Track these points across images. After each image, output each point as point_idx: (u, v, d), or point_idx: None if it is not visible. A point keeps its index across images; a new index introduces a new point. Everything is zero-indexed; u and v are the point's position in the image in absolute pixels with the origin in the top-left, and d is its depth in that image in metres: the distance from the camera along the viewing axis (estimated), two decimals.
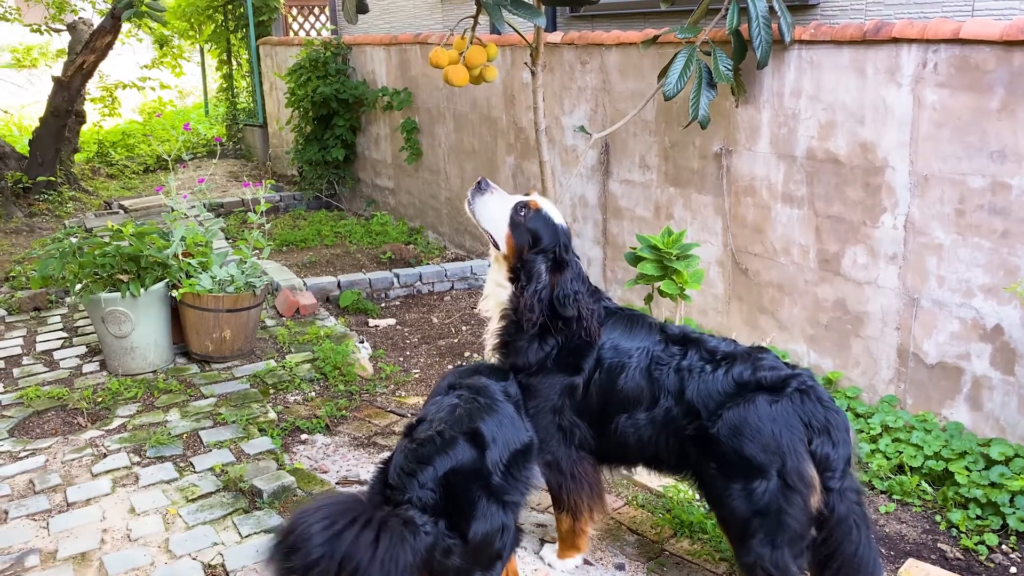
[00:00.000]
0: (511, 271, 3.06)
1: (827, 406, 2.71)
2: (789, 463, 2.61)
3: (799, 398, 2.69)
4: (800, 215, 4.58)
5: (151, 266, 5.16)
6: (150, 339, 5.18)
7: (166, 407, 4.73)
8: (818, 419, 2.67)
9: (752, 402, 2.70)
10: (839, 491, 2.68)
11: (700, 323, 5.28)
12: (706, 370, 2.83)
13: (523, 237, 3.01)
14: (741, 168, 4.86)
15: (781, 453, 2.62)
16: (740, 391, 2.75)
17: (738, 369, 2.79)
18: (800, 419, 2.65)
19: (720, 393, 2.78)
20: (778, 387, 2.71)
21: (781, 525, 2.63)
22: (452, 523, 2.38)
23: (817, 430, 2.65)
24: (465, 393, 2.71)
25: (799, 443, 2.63)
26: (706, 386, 2.81)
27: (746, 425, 2.68)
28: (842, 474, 2.68)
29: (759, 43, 4.33)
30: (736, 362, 2.83)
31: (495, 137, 7.02)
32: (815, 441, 2.64)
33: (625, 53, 5.50)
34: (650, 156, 5.47)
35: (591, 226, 6.10)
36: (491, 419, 2.60)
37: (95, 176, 10.86)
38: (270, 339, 5.73)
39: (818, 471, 2.64)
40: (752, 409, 2.69)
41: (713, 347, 2.93)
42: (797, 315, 4.71)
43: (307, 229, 8.40)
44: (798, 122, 4.50)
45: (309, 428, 4.53)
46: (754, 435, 2.66)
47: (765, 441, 2.64)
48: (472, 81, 4.40)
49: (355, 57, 9.08)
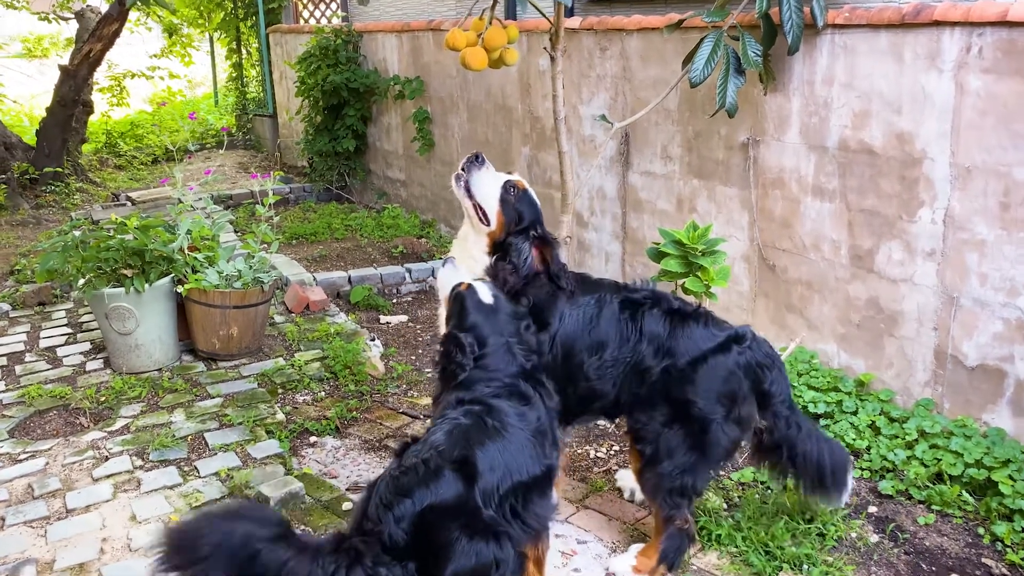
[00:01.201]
0: (492, 246, 3.23)
1: (769, 346, 3.22)
2: (744, 408, 3.08)
3: (755, 345, 3.15)
4: (831, 209, 4.37)
5: (156, 261, 5.00)
6: (155, 336, 5.02)
7: (171, 407, 4.57)
8: (768, 359, 3.14)
9: (728, 352, 3.09)
10: (794, 412, 3.20)
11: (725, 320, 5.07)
12: (688, 317, 3.17)
13: (511, 214, 3.22)
14: (769, 159, 4.65)
15: (739, 398, 3.07)
16: (719, 342, 3.11)
17: (711, 323, 3.18)
18: (757, 364, 3.10)
19: (704, 340, 3.11)
20: (742, 339, 3.14)
21: (713, 458, 3.10)
22: (423, 566, 2.15)
23: (767, 368, 3.11)
24: (474, 410, 2.47)
25: (751, 390, 3.09)
26: (690, 334, 3.12)
27: (721, 371, 3.07)
28: (791, 399, 3.22)
29: (790, 27, 4.11)
30: (706, 315, 3.22)
31: (510, 127, 6.82)
32: (768, 378, 3.10)
33: (647, 39, 5.29)
34: (672, 147, 5.26)
35: (609, 220, 5.90)
36: (493, 445, 2.35)
37: (103, 167, 10.71)
38: (279, 336, 5.57)
39: (772, 401, 3.14)
40: (730, 358, 3.08)
41: (676, 300, 3.27)
42: (827, 314, 4.50)
43: (317, 222, 8.22)
44: (830, 111, 4.28)
45: (318, 430, 4.36)
46: (724, 382, 3.07)
47: (731, 388, 3.06)
48: (491, 65, 4.13)
49: (366, 45, 8.88)
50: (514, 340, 2.71)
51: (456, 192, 3.27)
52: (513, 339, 2.71)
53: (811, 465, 3.18)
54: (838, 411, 4.21)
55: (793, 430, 3.18)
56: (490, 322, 2.72)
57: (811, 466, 3.18)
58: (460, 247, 3.35)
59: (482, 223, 3.23)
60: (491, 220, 3.22)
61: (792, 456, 3.18)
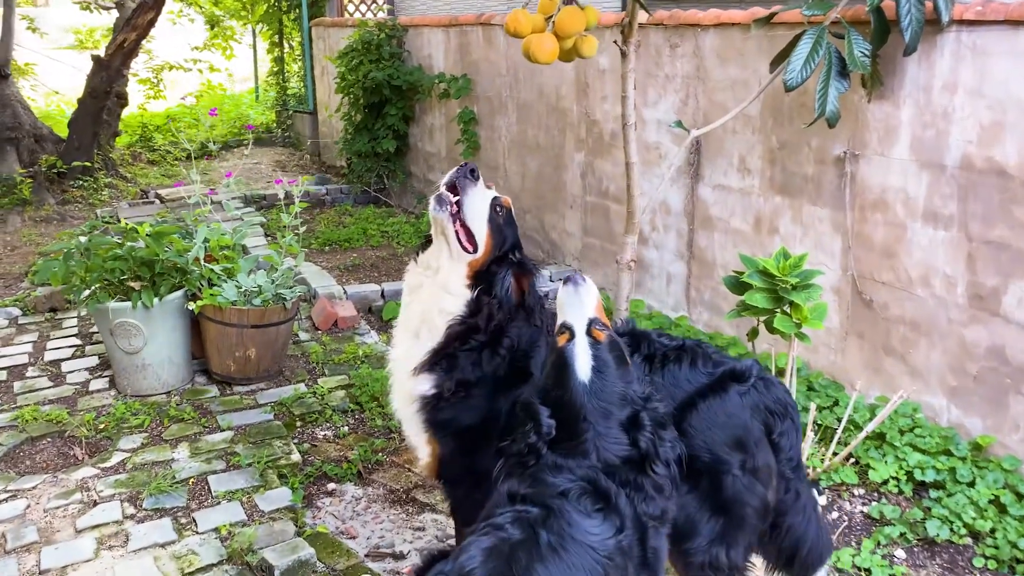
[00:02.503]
0: (473, 276, 2.69)
1: (784, 390, 2.65)
2: (760, 456, 2.53)
3: (763, 386, 2.59)
4: (947, 238, 3.69)
5: (168, 272, 4.48)
6: (164, 356, 4.50)
7: (175, 441, 4.04)
8: (780, 405, 2.58)
9: (725, 392, 2.55)
10: (799, 478, 2.66)
11: (807, 360, 4.42)
12: (668, 358, 2.63)
13: (499, 238, 2.72)
14: (870, 177, 3.99)
15: (751, 445, 2.53)
16: (710, 382, 2.59)
17: (699, 360, 2.63)
18: (766, 408, 2.57)
19: (689, 383, 2.59)
20: (743, 376, 2.58)
21: (742, 521, 2.51)
22: None
23: (779, 416, 2.57)
24: (528, 515, 1.86)
25: (764, 435, 2.56)
26: (673, 376, 2.59)
27: (720, 417, 2.53)
28: (799, 460, 2.67)
29: (908, 23, 3.45)
30: (693, 353, 2.65)
31: (563, 131, 6.22)
32: (777, 428, 2.57)
33: (726, 35, 4.65)
34: (752, 158, 4.62)
35: (673, 237, 5.26)
36: (545, 570, 1.74)
37: (135, 162, 10.32)
38: (302, 356, 5.02)
39: (778, 456, 2.59)
40: (727, 401, 2.55)
41: (660, 339, 2.73)
42: (936, 361, 3.83)
43: (352, 227, 7.69)
44: (950, 122, 3.61)
45: (338, 475, 3.80)
46: (726, 427, 2.52)
47: (737, 434, 2.52)
48: (562, 57, 3.42)
49: (411, 40, 8.34)
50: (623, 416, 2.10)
51: (437, 216, 2.63)
52: (622, 415, 2.11)
53: (789, 541, 2.69)
54: (951, 481, 3.54)
55: (790, 496, 2.64)
56: (592, 390, 2.13)
57: (788, 543, 2.69)
58: (428, 281, 2.72)
59: (465, 250, 2.67)
60: (479, 246, 2.67)
61: (776, 524, 2.65)
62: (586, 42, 3.43)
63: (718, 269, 4.93)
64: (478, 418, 2.73)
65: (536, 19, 3.33)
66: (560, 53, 3.34)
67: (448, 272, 2.68)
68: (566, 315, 2.29)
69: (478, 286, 2.69)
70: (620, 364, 2.22)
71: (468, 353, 2.70)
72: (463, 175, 2.65)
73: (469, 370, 2.70)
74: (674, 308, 5.33)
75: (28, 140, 8.95)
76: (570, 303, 2.30)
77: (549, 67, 6.18)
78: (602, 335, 2.23)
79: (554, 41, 3.29)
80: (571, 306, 2.29)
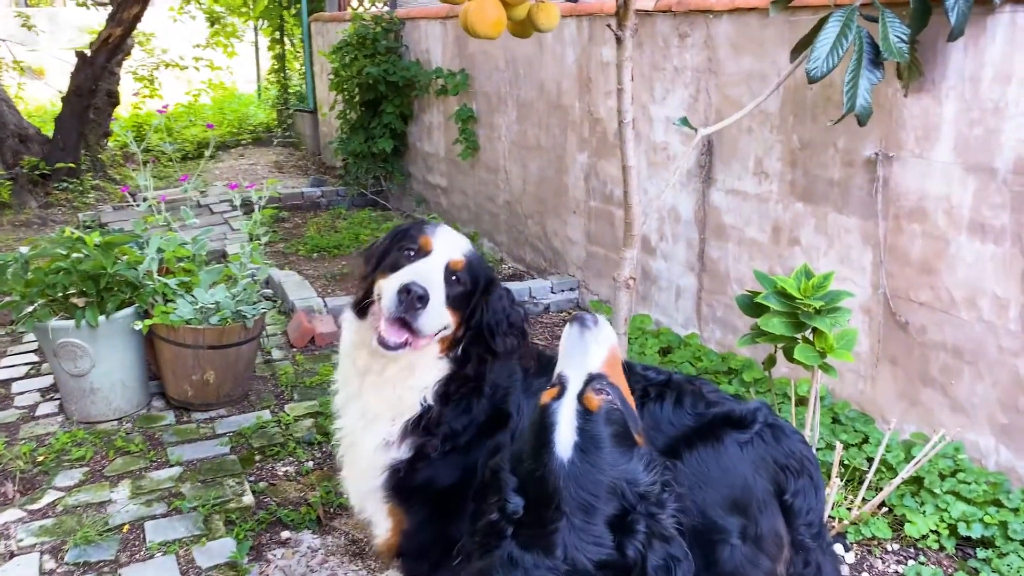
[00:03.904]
0: (448, 347, 2.24)
1: (800, 439, 2.19)
2: (765, 522, 2.08)
3: (770, 435, 2.14)
4: (997, 254, 3.18)
5: (117, 287, 4.04)
6: (115, 379, 4.07)
7: (116, 478, 3.60)
8: (794, 459, 2.14)
9: (719, 442, 2.11)
10: (821, 547, 2.18)
11: (832, 389, 3.91)
12: (648, 395, 2.21)
13: (463, 303, 2.20)
14: (905, 181, 3.48)
15: (753, 508, 2.08)
16: (699, 426, 2.16)
17: (687, 399, 2.21)
18: (775, 462, 2.12)
19: (672, 425, 2.17)
20: (744, 422, 2.15)
21: None
22: None
23: (793, 472, 2.12)
24: None
25: (772, 495, 2.12)
26: (651, 417, 2.16)
27: (714, 472, 2.09)
28: (821, 524, 2.20)
29: (955, 2, 2.94)
30: (680, 391, 2.24)
31: (565, 130, 5.73)
32: (791, 486, 2.12)
33: (741, 22, 4.15)
34: (770, 160, 4.11)
35: (683, 247, 4.76)
36: None
37: (127, 163, 9.93)
38: (271, 377, 4.57)
39: (794, 522, 2.13)
40: (723, 452, 2.10)
41: (645, 373, 2.31)
42: (983, 394, 3.31)
43: (345, 232, 7.24)
44: (1003, 119, 3.10)
45: (295, 521, 3.33)
46: (720, 484, 2.07)
47: (734, 494, 2.08)
48: (515, 31, 2.76)
49: (408, 33, 7.88)
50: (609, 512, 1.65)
51: (385, 355, 2.13)
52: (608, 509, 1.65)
53: None
54: (1001, 537, 3.03)
55: (810, 570, 2.17)
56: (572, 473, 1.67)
57: None
58: (386, 366, 2.20)
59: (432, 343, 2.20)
60: (449, 329, 2.21)
61: None
62: (543, 10, 2.75)
63: (732, 283, 4.43)
64: (457, 476, 2.29)
65: None
66: (510, 25, 2.66)
67: (419, 358, 2.20)
68: (565, 364, 1.83)
69: (457, 348, 2.25)
70: (619, 443, 1.74)
71: (455, 403, 2.28)
72: (404, 304, 2.05)
73: (455, 420, 2.28)
74: (684, 325, 4.83)
75: (12, 140, 8.57)
76: (571, 350, 1.83)
77: (550, 60, 5.70)
78: (597, 402, 1.74)
79: (499, 7, 2.60)
80: (572, 355, 1.83)
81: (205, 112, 12.78)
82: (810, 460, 2.20)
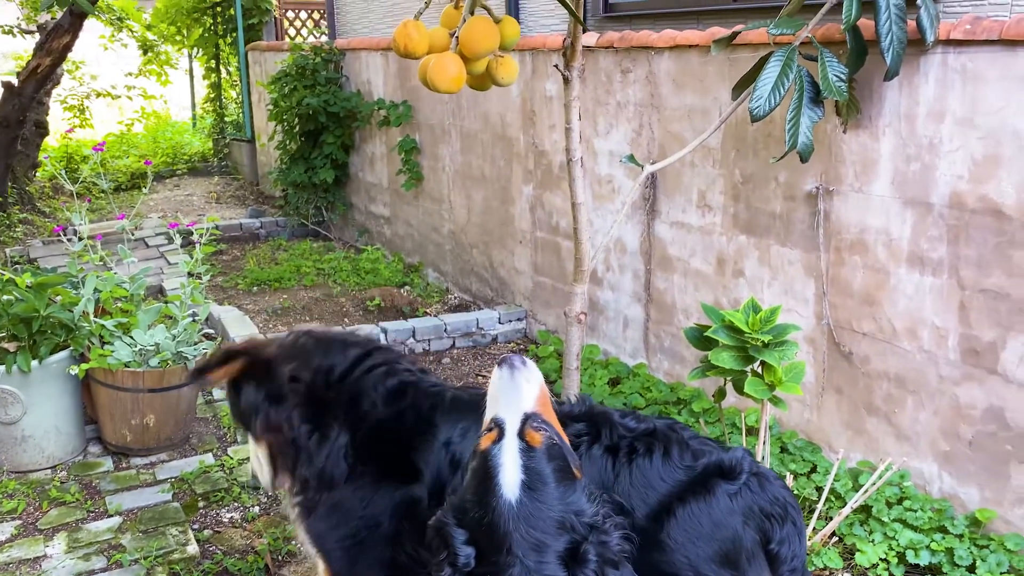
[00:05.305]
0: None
1: (783, 486, 2.20)
2: (753, 573, 2.09)
3: (756, 484, 2.14)
4: (936, 285, 3.27)
5: (51, 330, 3.89)
6: (49, 425, 3.91)
7: (51, 530, 3.44)
8: (779, 507, 2.13)
9: (711, 495, 2.10)
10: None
11: (779, 418, 3.97)
12: (636, 450, 2.17)
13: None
14: (846, 215, 3.56)
15: (742, 560, 2.08)
16: (691, 480, 2.14)
17: (675, 450, 2.17)
18: (761, 511, 2.12)
19: (664, 481, 2.13)
20: (733, 472, 2.14)
21: None
22: None
23: (778, 520, 2.12)
24: None
25: (759, 545, 2.12)
26: (643, 474, 2.13)
27: (706, 526, 2.07)
28: (804, 570, 2.18)
29: (889, 43, 3.04)
30: (667, 442, 2.19)
31: (510, 161, 5.75)
32: (776, 535, 2.11)
33: (682, 59, 4.22)
34: (713, 193, 4.18)
35: (629, 278, 4.80)
36: None
37: (56, 195, 9.63)
38: (213, 419, 4.44)
39: (779, 569, 2.12)
40: (714, 505, 2.09)
41: (625, 422, 2.26)
42: (925, 422, 3.39)
43: (286, 264, 7.12)
44: (937, 156, 3.20)
45: (242, 571, 3.22)
46: (712, 539, 2.06)
47: (725, 547, 2.07)
48: (474, 84, 2.71)
49: (349, 64, 7.83)
50: (560, 547, 1.64)
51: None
52: (559, 545, 1.64)
53: None
54: (948, 564, 3.09)
55: None
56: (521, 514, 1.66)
57: None
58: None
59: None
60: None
61: None
62: (503, 65, 2.69)
63: (679, 314, 4.47)
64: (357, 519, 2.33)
65: (436, 34, 2.60)
66: (469, 79, 2.64)
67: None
68: (498, 407, 1.82)
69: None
70: (562, 478, 1.74)
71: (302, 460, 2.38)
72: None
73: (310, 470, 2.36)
74: (632, 355, 4.86)
75: None
76: (503, 392, 1.82)
77: (493, 93, 5.71)
78: (539, 438, 1.75)
79: (459, 63, 2.54)
80: (504, 396, 1.82)
81: (138, 141, 12.48)
82: (792, 506, 2.20)
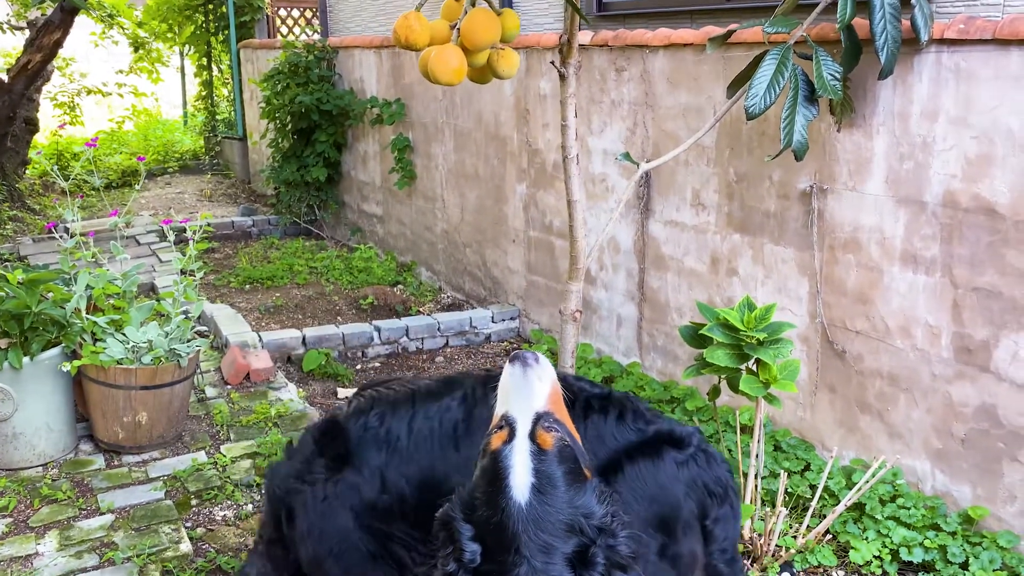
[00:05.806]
0: None
1: (727, 469, 2.28)
2: (685, 542, 2.12)
3: (703, 459, 2.21)
4: (929, 284, 3.29)
5: (44, 326, 3.87)
6: (40, 423, 3.88)
7: (43, 528, 3.42)
8: (720, 486, 2.20)
9: (660, 458, 2.16)
10: (734, 573, 2.25)
11: (772, 416, 3.98)
12: (591, 407, 2.23)
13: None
14: (840, 213, 3.58)
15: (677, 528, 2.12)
16: (641, 441, 2.20)
17: (629, 415, 2.25)
18: (704, 486, 2.18)
19: (616, 439, 2.19)
20: (683, 442, 2.21)
21: None
22: None
23: (718, 499, 2.18)
24: None
25: (696, 518, 2.18)
26: (596, 430, 2.18)
27: (651, 487, 2.12)
28: (735, 550, 2.26)
29: (884, 42, 3.05)
30: (622, 406, 2.27)
31: (503, 160, 5.75)
32: (713, 512, 2.18)
33: (676, 57, 4.23)
34: (707, 192, 4.19)
35: (623, 277, 4.81)
36: None
37: (46, 192, 9.58)
38: (206, 417, 4.42)
39: (710, 547, 2.19)
40: (661, 468, 2.15)
41: (581, 384, 2.32)
42: (918, 420, 3.41)
43: (278, 263, 7.10)
44: (931, 155, 3.21)
45: (235, 569, 3.21)
46: (654, 501, 2.11)
47: (664, 512, 2.12)
48: (474, 77, 2.72)
49: (342, 62, 7.82)
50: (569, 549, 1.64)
51: None
52: (567, 547, 1.64)
53: None
54: (941, 560, 3.11)
55: None
56: (530, 516, 1.66)
57: None
58: None
59: None
60: None
61: None
62: (504, 57, 2.68)
63: (672, 313, 4.48)
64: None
65: (437, 26, 2.61)
66: (471, 72, 2.65)
67: None
68: (508, 405, 1.81)
69: None
70: (572, 480, 1.74)
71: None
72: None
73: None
74: (625, 353, 4.86)
75: None
76: (515, 390, 1.81)
77: (487, 92, 5.72)
78: (550, 440, 1.74)
79: (460, 56, 2.54)
80: (515, 394, 1.81)
81: (129, 139, 12.43)
82: (733, 491, 2.27)
